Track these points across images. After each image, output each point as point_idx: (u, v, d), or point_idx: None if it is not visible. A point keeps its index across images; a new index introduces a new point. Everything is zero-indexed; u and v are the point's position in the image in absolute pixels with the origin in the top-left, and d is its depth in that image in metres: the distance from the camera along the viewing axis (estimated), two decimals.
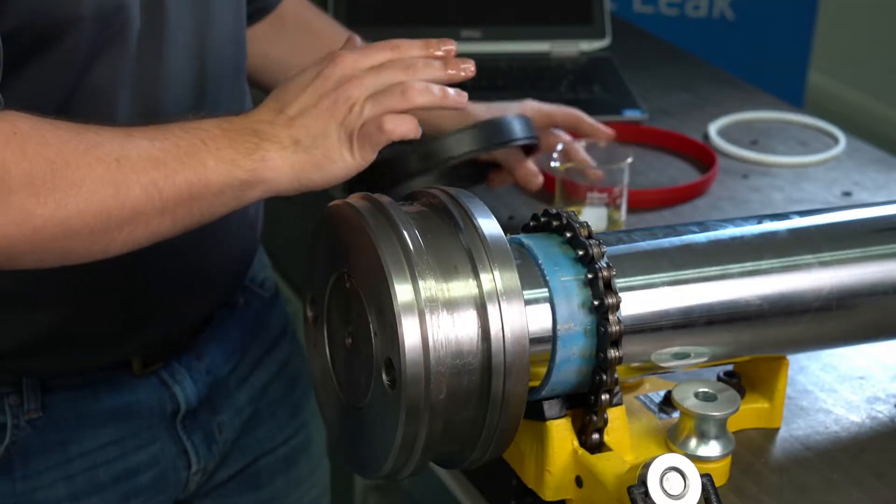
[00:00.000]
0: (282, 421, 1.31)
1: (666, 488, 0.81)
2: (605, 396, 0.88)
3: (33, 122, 0.89)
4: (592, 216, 1.36)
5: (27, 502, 1.12)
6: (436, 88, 0.97)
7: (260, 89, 1.27)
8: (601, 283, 0.86)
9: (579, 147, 1.38)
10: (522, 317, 0.82)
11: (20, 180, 0.87)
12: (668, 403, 0.99)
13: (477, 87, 1.73)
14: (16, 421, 1.10)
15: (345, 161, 0.97)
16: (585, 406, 0.90)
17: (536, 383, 0.88)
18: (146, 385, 1.16)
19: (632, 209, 1.43)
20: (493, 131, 1.22)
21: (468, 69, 0.99)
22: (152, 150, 0.92)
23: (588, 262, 0.87)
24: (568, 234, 0.89)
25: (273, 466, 1.31)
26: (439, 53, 0.99)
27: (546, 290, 0.87)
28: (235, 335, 1.25)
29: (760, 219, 0.99)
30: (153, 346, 1.15)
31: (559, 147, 1.40)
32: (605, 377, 0.87)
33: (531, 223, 0.93)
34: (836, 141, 1.67)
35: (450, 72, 0.99)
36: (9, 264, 0.91)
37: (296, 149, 0.96)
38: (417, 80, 0.97)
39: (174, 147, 0.93)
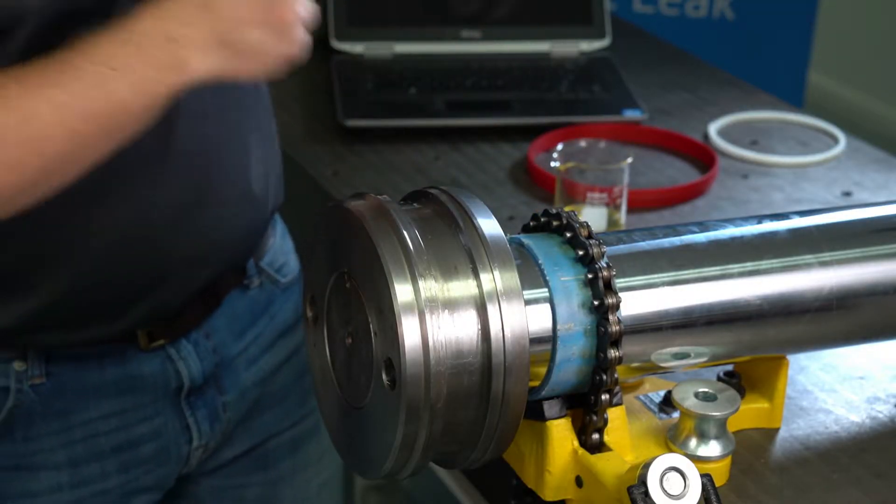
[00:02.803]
0: (290, 407, 1.32)
1: (666, 488, 0.81)
2: (605, 396, 0.88)
3: None
4: (592, 216, 1.36)
5: (27, 464, 1.14)
6: None
7: None
8: (601, 283, 0.86)
9: None
10: (522, 317, 0.82)
11: None
12: (668, 403, 0.99)
13: (477, 87, 1.73)
14: (19, 385, 1.11)
15: (278, 54, 0.95)
16: (585, 406, 0.90)
17: (536, 383, 0.88)
18: (152, 359, 1.16)
19: (632, 209, 1.44)
20: None
21: None
22: (61, 97, 0.90)
23: (588, 262, 0.87)
24: (568, 234, 0.89)
25: (280, 449, 1.32)
26: None
27: (546, 290, 0.87)
28: (247, 317, 1.25)
29: (760, 219, 0.99)
30: (156, 321, 1.15)
31: (559, 147, 1.40)
32: (605, 377, 0.87)
33: (531, 223, 0.93)
34: (836, 141, 1.67)
35: None
36: None
37: (224, 53, 0.93)
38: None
39: (83, 87, 0.90)
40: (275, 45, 0.94)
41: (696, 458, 0.92)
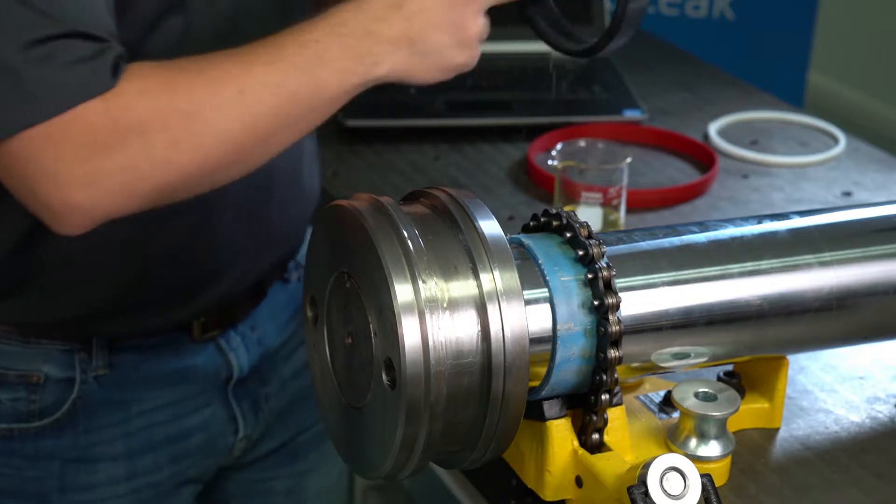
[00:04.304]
0: None
1: (666, 488, 0.81)
2: (605, 396, 0.88)
3: (160, 72, 0.93)
4: (588, 216, 1.36)
5: (87, 456, 1.17)
6: None
7: None
8: (601, 283, 0.86)
9: None
10: (522, 317, 0.82)
11: (159, 134, 0.91)
12: (668, 403, 0.99)
13: (477, 88, 1.73)
14: (84, 377, 1.14)
15: (455, 62, 1.00)
16: (585, 406, 0.90)
17: (536, 383, 0.88)
18: (204, 351, 1.20)
19: (632, 209, 1.44)
20: None
21: None
22: (272, 75, 0.94)
23: (588, 262, 0.87)
24: (568, 234, 0.89)
25: (309, 442, 1.36)
26: None
27: (546, 290, 0.87)
28: (287, 310, 1.29)
29: (760, 219, 0.99)
30: (212, 311, 1.18)
31: (558, 146, 1.40)
32: (605, 377, 0.87)
33: (531, 223, 0.93)
34: (836, 141, 1.67)
35: None
36: (168, 200, 0.96)
37: (410, 52, 0.97)
38: None
39: (292, 68, 0.95)
40: (454, 53, 0.99)
41: (696, 458, 0.92)
